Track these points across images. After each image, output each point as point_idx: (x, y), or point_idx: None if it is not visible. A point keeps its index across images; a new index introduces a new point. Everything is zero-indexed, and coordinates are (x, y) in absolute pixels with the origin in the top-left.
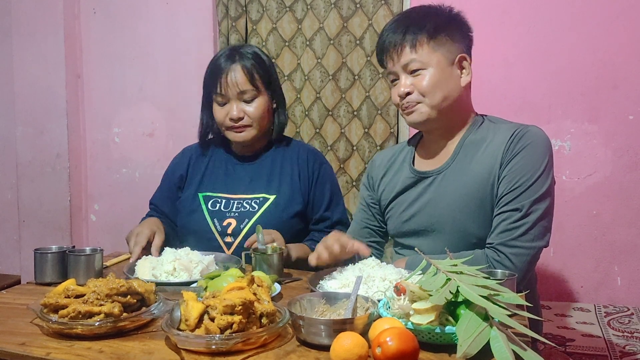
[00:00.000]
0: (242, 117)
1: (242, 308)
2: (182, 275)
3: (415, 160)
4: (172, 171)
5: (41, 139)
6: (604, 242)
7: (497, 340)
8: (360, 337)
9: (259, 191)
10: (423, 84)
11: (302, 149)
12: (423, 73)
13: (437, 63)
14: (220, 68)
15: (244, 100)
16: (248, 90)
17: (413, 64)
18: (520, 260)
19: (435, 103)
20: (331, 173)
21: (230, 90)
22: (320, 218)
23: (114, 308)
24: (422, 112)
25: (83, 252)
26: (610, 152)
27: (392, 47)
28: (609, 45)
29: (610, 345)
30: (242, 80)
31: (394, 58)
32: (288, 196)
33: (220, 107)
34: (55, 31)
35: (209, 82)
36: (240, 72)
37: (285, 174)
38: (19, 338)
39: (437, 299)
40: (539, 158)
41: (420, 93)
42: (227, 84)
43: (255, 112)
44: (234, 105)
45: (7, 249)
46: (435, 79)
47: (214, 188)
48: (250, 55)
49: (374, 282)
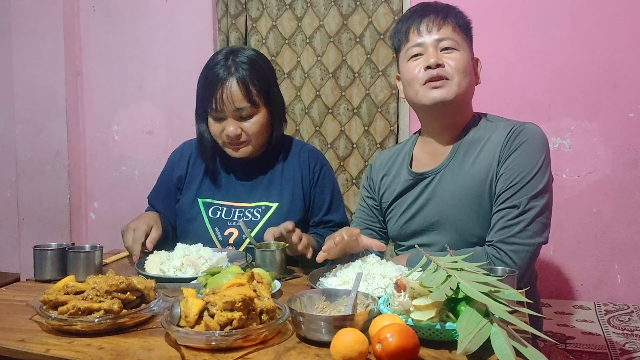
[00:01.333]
0: (239, 134)
1: (242, 305)
2: (189, 271)
3: (413, 161)
4: (170, 170)
5: (41, 137)
6: (604, 240)
7: (498, 337)
8: (360, 334)
9: (261, 199)
10: (456, 62)
11: (302, 150)
12: (455, 53)
13: (467, 51)
14: (215, 81)
15: (241, 117)
16: (245, 107)
17: (448, 41)
18: (520, 257)
19: (463, 85)
20: (332, 175)
21: (226, 108)
22: (320, 221)
23: (113, 305)
24: (450, 89)
25: (82, 250)
26: (610, 150)
27: (429, 20)
28: (609, 44)
29: (610, 343)
30: (238, 97)
31: (429, 29)
32: (290, 202)
33: (216, 122)
34: (54, 29)
35: (203, 95)
36: (236, 87)
37: (286, 179)
38: (18, 335)
39: (438, 295)
40: (536, 155)
41: (454, 68)
42: (223, 101)
43: (253, 128)
44: (231, 123)
45: (6, 247)
46: (466, 63)
47: (214, 195)
48: (246, 65)
49: (374, 279)
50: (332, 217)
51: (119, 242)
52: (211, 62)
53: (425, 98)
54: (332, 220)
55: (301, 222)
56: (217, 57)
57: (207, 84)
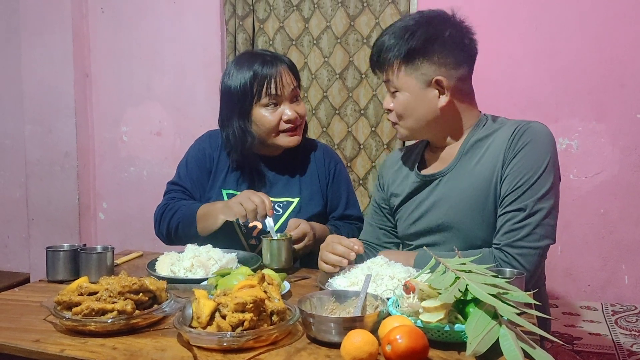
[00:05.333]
0: (296, 117)
1: (253, 306)
2: (199, 272)
3: (422, 163)
4: (202, 155)
5: (49, 138)
6: (611, 240)
7: (507, 339)
8: (370, 335)
9: (283, 194)
10: (397, 107)
11: (317, 150)
12: (398, 95)
13: (410, 87)
14: (270, 70)
15: (293, 101)
16: (296, 87)
17: (389, 84)
18: (528, 261)
19: (409, 126)
20: (345, 171)
21: (285, 90)
22: (341, 217)
23: (126, 305)
24: (400, 132)
25: (95, 251)
26: (617, 150)
27: (374, 65)
28: (616, 44)
29: (617, 344)
30: (291, 79)
31: (377, 74)
32: (309, 198)
33: (271, 112)
34: (63, 30)
35: (253, 89)
36: (288, 71)
37: (305, 176)
38: (33, 335)
39: (446, 297)
40: (541, 155)
41: (396, 114)
42: (283, 85)
43: (303, 110)
44: (288, 106)
45: (16, 247)
46: (407, 104)
47: (238, 186)
48: (284, 58)
49: (382, 281)
50: (351, 211)
51: (128, 242)
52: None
53: (400, 135)
54: (351, 214)
55: (321, 215)
56: (254, 56)
57: (261, 76)
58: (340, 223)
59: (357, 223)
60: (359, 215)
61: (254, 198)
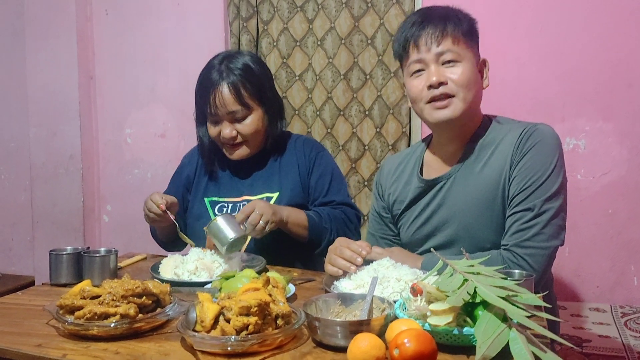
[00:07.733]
0: (234, 136)
1: (257, 309)
2: (203, 275)
3: (424, 166)
4: (180, 171)
5: (54, 141)
6: (619, 241)
7: (517, 342)
8: (377, 339)
9: (262, 191)
10: (462, 77)
11: (297, 141)
12: (458, 66)
13: (470, 60)
14: (209, 86)
15: (235, 119)
16: (237, 110)
17: (449, 54)
18: (537, 261)
19: (469, 99)
20: (329, 160)
21: (219, 111)
22: (322, 203)
23: (129, 309)
24: (456, 107)
25: (98, 253)
26: (625, 150)
27: (427, 34)
28: (623, 43)
29: (627, 346)
30: (230, 101)
31: (428, 45)
32: (290, 191)
33: (213, 126)
34: (67, 33)
35: (200, 99)
36: (227, 92)
37: (284, 170)
38: (35, 339)
39: (455, 300)
40: (549, 156)
41: (456, 85)
42: (216, 105)
43: (247, 129)
44: (226, 125)
45: (20, 250)
46: (470, 74)
47: (219, 192)
48: (239, 71)
49: (389, 283)
50: (333, 197)
51: (132, 244)
52: (206, 67)
53: (431, 117)
54: (333, 200)
55: (301, 206)
56: (213, 62)
57: (202, 89)
58: (321, 208)
59: (341, 207)
60: (344, 200)
61: (148, 203)
